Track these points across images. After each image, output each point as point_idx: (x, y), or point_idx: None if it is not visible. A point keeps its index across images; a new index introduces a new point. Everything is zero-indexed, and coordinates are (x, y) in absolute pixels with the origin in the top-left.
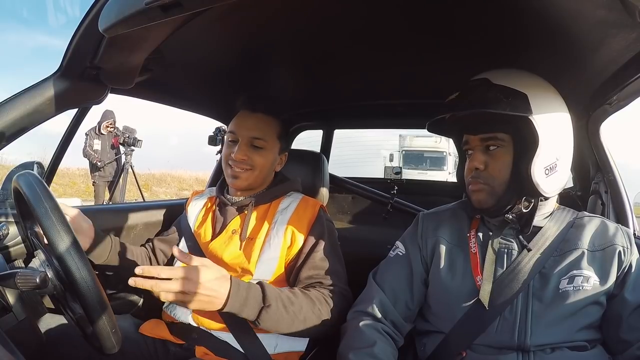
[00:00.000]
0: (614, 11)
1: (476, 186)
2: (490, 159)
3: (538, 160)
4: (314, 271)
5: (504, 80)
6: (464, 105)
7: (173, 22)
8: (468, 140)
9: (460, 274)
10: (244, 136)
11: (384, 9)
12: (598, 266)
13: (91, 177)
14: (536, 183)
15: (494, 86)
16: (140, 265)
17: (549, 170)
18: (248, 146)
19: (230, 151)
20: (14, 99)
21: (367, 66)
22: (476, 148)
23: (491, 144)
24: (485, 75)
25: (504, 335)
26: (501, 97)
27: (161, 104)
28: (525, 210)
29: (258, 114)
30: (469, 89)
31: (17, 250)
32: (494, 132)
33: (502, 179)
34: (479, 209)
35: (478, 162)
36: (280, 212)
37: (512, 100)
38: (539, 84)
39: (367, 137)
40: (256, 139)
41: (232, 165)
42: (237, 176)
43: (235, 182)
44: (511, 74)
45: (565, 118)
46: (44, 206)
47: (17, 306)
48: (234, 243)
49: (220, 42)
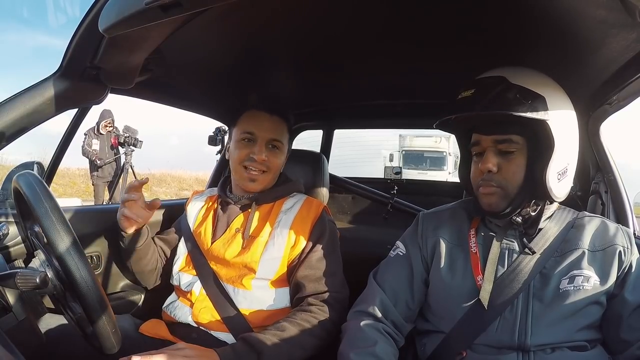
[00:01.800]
0: (614, 11)
1: (488, 189)
2: (504, 161)
3: (553, 165)
4: (310, 271)
5: (522, 80)
6: (484, 104)
7: (173, 22)
8: (479, 141)
9: (460, 274)
10: (263, 137)
11: (384, 8)
12: (598, 266)
13: (90, 177)
14: (549, 188)
15: (513, 86)
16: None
17: (561, 175)
18: (266, 147)
19: (248, 151)
20: (14, 99)
21: (367, 66)
22: (488, 149)
23: (506, 146)
24: (500, 72)
25: (504, 335)
26: (521, 99)
27: (161, 104)
28: (533, 214)
29: (275, 116)
30: (486, 87)
31: (17, 250)
32: (509, 134)
33: (515, 183)
34: (489, 211)
35: (492, 165)
36: (284, 213)
37: (532, 102)
38: (554, 86)
39: (367, 137)
40: (274, 141)
41: (249, 167)
42: (254, 179)
43: (252, 185)
44: (527, 73)
45: (574, 122)
46: (44, 206)
47: (17, 306)
48: (236, 241)
49: (220, 42)
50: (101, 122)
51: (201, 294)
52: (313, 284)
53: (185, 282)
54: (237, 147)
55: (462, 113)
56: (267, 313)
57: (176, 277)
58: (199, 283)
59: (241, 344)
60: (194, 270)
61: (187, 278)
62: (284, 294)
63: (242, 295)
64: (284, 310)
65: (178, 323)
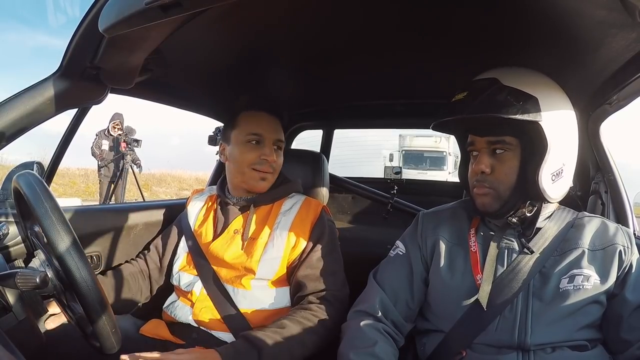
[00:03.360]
0: (614, 11)
1: (481, 190)
2: (497, 162)
3: (546, 166)
4: (310, 270)
5: (514, 81)
6: (473, 107)
7: (173, 22)
8: (474, 142)
9: (460, 273)
10: (270, 138)
11: (384, 8)
12: (598, 265)
13: (98, 175)
14: (543, 189)
15: (505, 88)
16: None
17: (555, 176)
18: (272, 148)
19: (258, 153)
20: (14, 99)
21: (367, 66)
22: (482, 150)
23: (498, 147)
24: (493, 74)
25: (504, 335)
26: (512, 101)
27: (161, 104)
28: (529, 214)
29: (274, 116)
30: (478, 89)
31: (17, 250)
32: (502, 136)
33: (508, 184)
34: (483, 212)
35: (485, 165)
36: (283, 214)
37: (524, 104)
38: (549, 86)
39: (367, 137)
40: (279, 141)
41: (260, 169)
42: (265, 178)
43: (262, 184)
44: (521, 74)
45: (572, 122)
46: (44, 206)
47: (17, 306)
48: (235, 243)
49: (220, 42)
50: (111, 123)
51: (202, 293)
52: (313, 283)
53: (186, 282)
54: (244, 150)
55: (453, 116)
56: (267, 313)
57: (176, 276)
58: (199, 283)
59: (242, 342)
60: (194, 270)
61: (187, 278)
62: (284, 294)
63: (241, 295)
64: (284, 310)
65: (178, 323)
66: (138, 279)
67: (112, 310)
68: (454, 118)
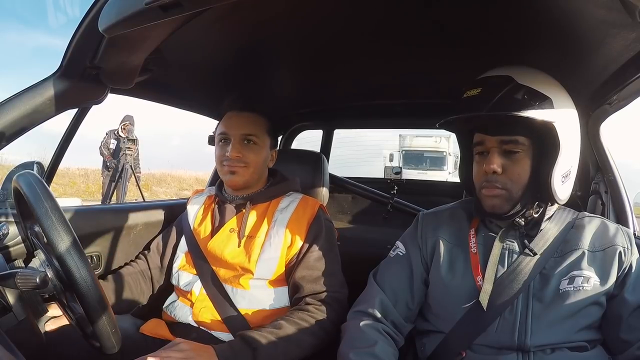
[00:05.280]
0: (614, 11)
1: (492, 191)
2: (509, 162)
3: (558, 167)
4: (307, 271)
5: (529, 80)
6: (490, 104)
7: (173, 22)
8: (483, 141)
9: (460, 274)
10: (235, 135)
11: (384, 8)
12: (598, 266)
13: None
14: (554, 190)
15: (521, 87)
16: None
17: (565, 177)
18: (241, 144)
19: (223, 151)
20: (14, 99)
21: (367, 66)
22: (493, 150)
23: (511, 147)
24: (507, 72)
25: (504, 336)
26: (529, 100)
27: (161, 104)
28: (536, 215)
29: (245, 113)
30: (493, 86)
31: (17, 250)
32: (515, 135)
33: (521, 184)
34: (492, 213)
35: (497, 165)
36: (280, 212)
37: (540, 104)
38: (558, 87)
39: (367, 137)
40: (248, 135)
41: (227, 165)
42: (234, 172)
43: (233, 178)
44: (534, 73)
45: (577, 123)
46: (44, 206)
47: (17, 306)
48: (232, 241)
49: (221, 42)
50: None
51: (201, 293)
52: (311, 285)
53: (185, 281)
54: (216, 149)
55: (469, 113)
56: (266, 313)
57: (175, 275)
58: (199, 283)
59: (238, 341)
60: (193, 269)
61: (186, 277)
62: (282, 294)
63: (240, 295)
64: (284, 310)
65: (178, 323)
66: (139, 280)
67: (112, 310)
68: (472, 115)
